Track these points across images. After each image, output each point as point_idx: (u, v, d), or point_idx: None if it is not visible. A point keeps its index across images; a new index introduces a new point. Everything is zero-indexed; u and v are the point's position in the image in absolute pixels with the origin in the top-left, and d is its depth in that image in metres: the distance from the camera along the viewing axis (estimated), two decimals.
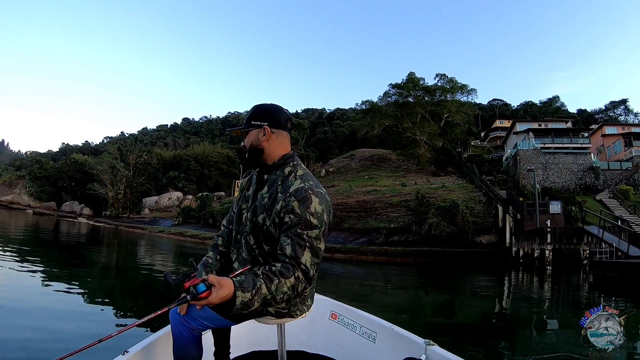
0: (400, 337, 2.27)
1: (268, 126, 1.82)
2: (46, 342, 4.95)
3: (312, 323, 2.78)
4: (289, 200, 1.68)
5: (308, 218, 1.64)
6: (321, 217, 1.68)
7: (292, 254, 1.61)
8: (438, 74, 46.09)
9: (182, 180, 62.83)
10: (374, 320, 2.51)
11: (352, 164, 50.73)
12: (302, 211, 1.64)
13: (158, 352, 2.05)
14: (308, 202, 1.66)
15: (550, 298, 13.41)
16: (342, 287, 13.05)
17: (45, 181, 66.33)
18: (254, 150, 1.86)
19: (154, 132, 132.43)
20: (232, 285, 1.44)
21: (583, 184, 34.50)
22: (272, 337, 2.45)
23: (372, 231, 26.72)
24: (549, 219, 21.31)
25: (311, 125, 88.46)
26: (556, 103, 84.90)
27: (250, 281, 1.50)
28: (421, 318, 8.86)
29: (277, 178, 1.82)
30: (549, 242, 19.59)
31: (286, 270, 1.58)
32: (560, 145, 37.89)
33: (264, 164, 1.88)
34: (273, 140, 1.84)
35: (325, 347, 2.75)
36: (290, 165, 1.85)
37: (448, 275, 18.04)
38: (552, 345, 7.04)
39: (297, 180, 1.76)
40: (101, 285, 10.09)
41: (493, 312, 10.85)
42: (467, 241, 23.27)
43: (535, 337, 7.79)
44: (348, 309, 2.76)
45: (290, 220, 1.65)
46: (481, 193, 29.61)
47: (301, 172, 1.82)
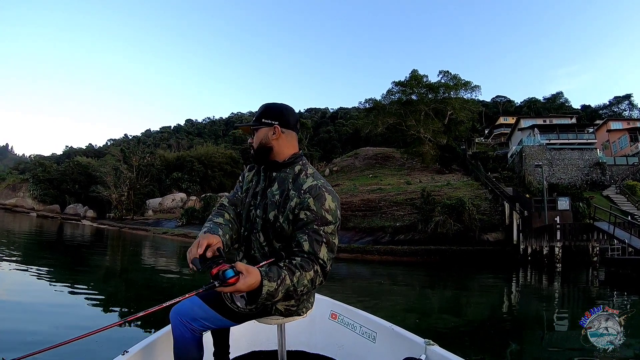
0: (400, 337, 2.27)
1: (279, 125, 1.84)
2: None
3: (312, 323, 2.79)
4: (304, 197, 1.71)
5: (324, 214, 1.68)
6: (335, 213, 1.73)
7: (310, 250, 1.64)
8: (441, 71, 45.81)
9: (186, 182, 62.49)
10: (374, 320, 2.52)
11: (356, 162, 50.49)
12: (318, 208, 1.68)
13: (158, 352, 2.06)
14: (323, 199, 1.70)
15: (561, 296, 13.18)
16: (348, 288, 12.86)
17: (49, 184, 66.12)
18: (263, 148, 1.87)
19: (157, 134, 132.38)
20: (259, 274, 1.46)
21: (589, 180, 34.17)
22: (272, 337, 2.45)
23: (378, 230, 26.44)
24: (558, 215, 21.01)
25: (314, 124, 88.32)
26: (560, 99, 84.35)
27: (275, 272, 1.52)
28: (429, 318, 8.66)
29: (287, 176, 1.83)
30: (558, 239, 19.17)
31: (306, 264, 1.61)
32: (565, 141, 37.70)
33: (272, 162, 1.88)
34: (282, 140, 1.86)
35: (325, 347, 2.75)
36: (300, 164, 1.86)
37: (455, 274, 17.81)
38: (562, 346, 6.86)
39: (309, 179, 1.79)
40: (105, 286, 10.07)
41: (503, 311, 10.68)
42: (474, 239, 22.97)
43: (545, 337, 7.59)
44: (348, 309, 2.77)
45: (307, 217, 1.68)
46: (487, 190, 29.30)
47: (311, 171, 1.85)
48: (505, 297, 13.06)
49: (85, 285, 9.78)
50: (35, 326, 5.63)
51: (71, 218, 58.95)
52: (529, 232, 21.30)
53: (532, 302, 12.20)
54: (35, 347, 1.35)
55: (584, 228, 19.73)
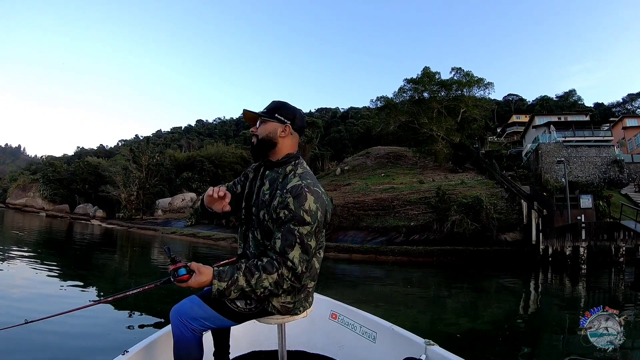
0: (400, 337, 2.28)
1: (291, 125, 1.88)
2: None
3: (312, 323, 2.79)
4: (285, 196, 1.72)
5: (301, 215, 1.67)
6: (315, 214, 1.70)
7: (280, 249, 1.66)
8: (454, 68, 44.72)
9: (196, 181, 62.10)
10: (374, 320, 2.53)
11: (367, 162, 49.73)
12: (297, 207, 1.68)
13: (158, 352, 2.09)
14: (302, 199, 1.69)
15: (586, 299, 12.50)
16: (360, 290, 12.42)
17: (59, 184, 66.46)
18: (268, 142, 1.88)
19: (168, 135, 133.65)
20: (211, 274, 1.58)
21: (607, 177, 33.39)
22: (272, 337, 2.48)
23: (391, 230, 25.66)
24: (582, 214, 20.17)
25: (325, 124, 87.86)
26: (573, 97, 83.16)
27: (229, 272, 1.61)
28: (449, 324, 8.30)
29: (278, 176, 1.86)
30: (583, 239, 18.23)
31: (270, 267, 1.64)
32: (581, 139, 36.96)
33: (267, 160, 1.92)
34: (288, 140, 1.90)
35: (325, 347, 2.76)
36: (292, 165, 1.88)
37: (473, 276, 17.15)
38: (585, 351, 6.28)
39: (295, 178, 1.79)
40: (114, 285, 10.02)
41: (522, 314, 10.28)
42: (491, 239, 22.07)
43: (564, 341, 7.21)
44: (348, 309, 2.77)
45: (285, 216, 1.69)
46: (503, 189, 28.43)
47: (300, 171, 1.85)
48: (525, 300, 12.57)
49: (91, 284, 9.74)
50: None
51: (80, 218, 59.05)
52: (550, 232, 20.39)
53: (553, 305, 11.71)
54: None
55: (610, 227, 18.77)
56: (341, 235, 26.33)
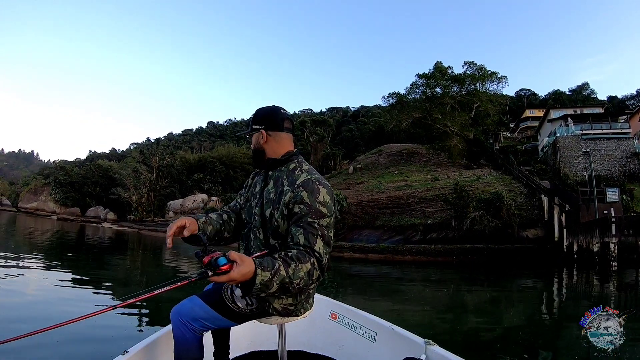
0: (400, 337, 2.26)
1: (265, 130, 1.88)
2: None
3: (312, 323, 2.77)
4: (297, 191, 1.70)
5: (318, 207, 1.67)
6: (330, 206, 1.71)
7: (305, 243, 1.62)
8: (466, 62, 43.92)
9: (208, 182, 61.91)
10: (374, 320, 2.51)
11: (380, 159, 49.13)
12: (312, 201, 1.67)
13: (158, 352, 2.06)
14: (317, 192, 1.69)
15: (617, 299, 11.77)
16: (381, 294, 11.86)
17: (70, 187, 66.83)
18: (256, 152, 1.95)
19: (180, 137, 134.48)
20: (253, 263, 1.44)
21: (627, 170, 32.18)
22: (272, 337, 2.47)
23: (408, 228, 24.85)
24: (609, 208, 19.31)
25: (336, 124, 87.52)
26: (586, 90, 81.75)
27: (269, 261, 1.50)
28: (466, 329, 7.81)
29: (281, 174, 1.86)
30: (613, 234, 17.37)
31: (302, 256, 1.58)
32: (599, 131, 35.93)
33: (269, 161, 1.91)
34: (271, 142, 1.90)
35: (325, 347, 2.75)
36: (295, 162, 1.88)
37: (495, 275, 16.45)
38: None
39: (303, 174, 1.79)
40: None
41: (553, 315, 9.85)
42: (512, 236, 21.22)
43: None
44: (348, 308, 2.76)
45: (301, 210, 1.67)
46: (521, 184, 27.70)
47: (306, 167, 1.86)
48: (552, 301, 11.83)
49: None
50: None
51: (91, 220, 59.18)
52: (575, 228, 19.49)
53: (581, 307, 10.92)
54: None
55: (638, 221, 17.95)
56: (356, 235, 25.74)
